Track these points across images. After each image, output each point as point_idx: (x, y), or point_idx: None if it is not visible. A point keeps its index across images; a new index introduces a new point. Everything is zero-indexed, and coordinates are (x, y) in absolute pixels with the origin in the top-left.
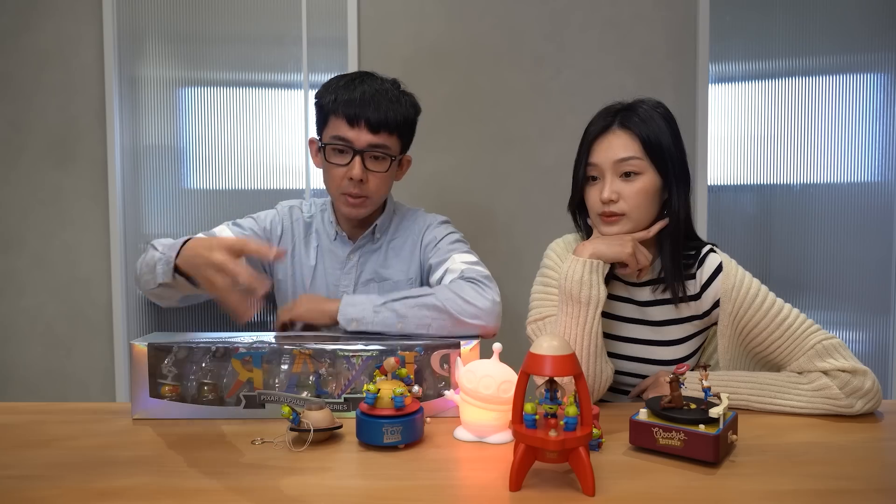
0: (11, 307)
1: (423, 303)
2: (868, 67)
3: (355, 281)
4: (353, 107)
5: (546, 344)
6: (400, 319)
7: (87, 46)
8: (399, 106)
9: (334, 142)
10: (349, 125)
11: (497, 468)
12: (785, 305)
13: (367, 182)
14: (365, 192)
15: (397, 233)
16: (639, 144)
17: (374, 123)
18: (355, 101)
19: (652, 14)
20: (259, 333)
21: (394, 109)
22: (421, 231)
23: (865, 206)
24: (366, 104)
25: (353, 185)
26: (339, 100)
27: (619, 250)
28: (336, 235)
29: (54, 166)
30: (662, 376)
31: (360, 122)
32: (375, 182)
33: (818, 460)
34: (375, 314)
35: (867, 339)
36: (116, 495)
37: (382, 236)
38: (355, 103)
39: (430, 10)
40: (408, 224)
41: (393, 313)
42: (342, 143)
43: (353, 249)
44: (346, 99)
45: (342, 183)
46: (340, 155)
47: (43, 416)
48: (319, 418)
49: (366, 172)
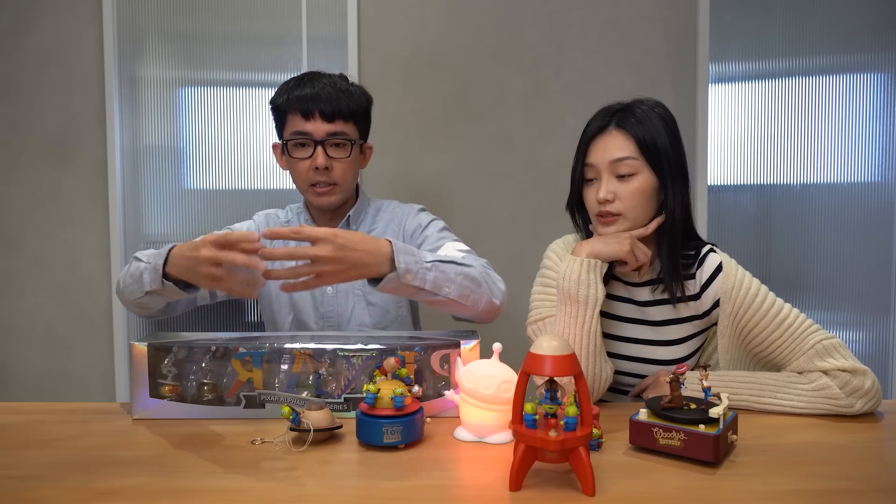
0: (11, 307)
1: (467, 273)
2: (868, 67)
3: None
4: (305, 101)
5: (546, 344)
6: (447, 283)
7: (87, 46)
8: (350, 95)
9: (294, 137)
10: (304, 119)
11: (497, 468)
12: (785, 305)
13: (332, 170)
14: (332, 180)
15: (375, 223)
16: (634, 145)
17: (329, 113)
18: (307, 96)
19: (652, 14)
20: (259, 334)
21: (346, 98)
22: (402, 220)
23: (865, 206)
24: (317, 97)
25: (319, 174)
26: (291, 98)
27: (616, 248)
28: None
29: (54, 166)
30: (662, 376)
31: (315, 114)
32: (340, 168)
33: (818, 460)
34: (427, 271)
35: (867, 339)
36: (116, 495)
37: (359, 227)
38: (308, 98)
39: (430, 10)
40: (385, 214)
41: (443, 275)
42: (302, 136)
43: None
44: (297, 96)
45: (308, 175)
46: (302, 149)
47: (43, 416)
48: (319, 418)
49: (329, 160)
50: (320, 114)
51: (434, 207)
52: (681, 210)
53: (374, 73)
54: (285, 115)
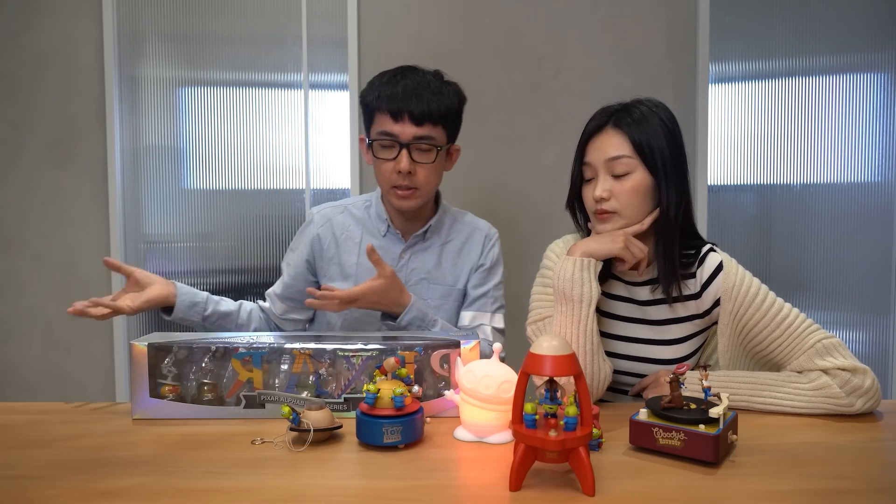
0: (11, 307)
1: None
2: (868, 67)
3: (406, 280)
4: (395, 101)
5: (546, 344)
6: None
7: (87, 46)
8: (442, 97)
9: (380, 137)
10: (393, 119)
11: (497, 468)
12: (785, 305)
13: (415, 174)
14: (414, 184)
15: (450, 235)
16: (629, 144)
17: (418, 116)
18: (398, 95)
19: (652, 14)
20: (260, 334)
21: (437, 101)
22: (480, 242)
23: (865, 206)
24: (408, 97)
25: (401, 178)
26: (381, 96)
27: (610, 247)
28: (386, 231)
29: (54, 166)
30: (662, 376)
31: (404, 116)
32: (424, 173)
33: (818, 460)
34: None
35: (867, 339)
36: (116, 495)
37: (434, 237)
38: (398, 98)
39: (430, 11)
40: (460, 227)
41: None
42: (388, 137)
43: (405, 248)
44: (388, 94)
45: (391, 176)
46: (387, 150)
47: (43, 416)
48: (319, 418)
49: (413, 165)
50: (409, 116)
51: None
52: (676, 209)
53: (374, 74)
54: (374, 112)
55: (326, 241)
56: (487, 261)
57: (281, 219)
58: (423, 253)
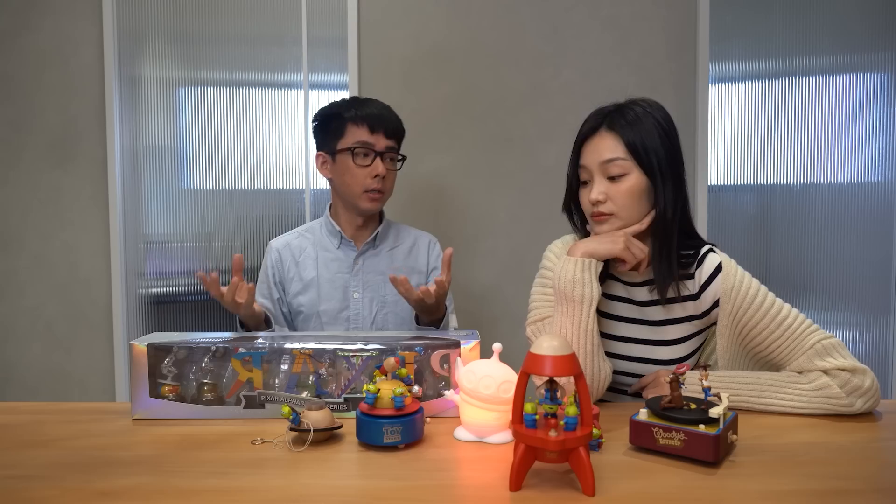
0: (11, 307)
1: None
2: (868, 67)
3: (364, 281)
4: (373, 118)
5: (546, 344)
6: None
7: (87, 46)
8: (399, 120)
9: (359, 146)
10: (370, 132)
11: (497, 468)
12: (784, 305)
13: (385, 179)
14: (383, 189)
15: (397, 242)
16: (623, 146)
17: (390, 130)
18: (374, 112)
19: (652, 14)
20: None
21: (396, 122)
22: (425, 247)
23: (865, 206)
24: (381, 117)
25: (376, 182)
26: (359, 113)
27: (610, 247)
28: (340, 244)
29: (54, 166)
30: (662, 376)
31: (380, 130)
32: (391, 179)
33: (818, 460)
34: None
35: (867, 339)
36: (116, 495)
37: (383, 243)
38: (374, 115)
39: (430, 10)
40: (405, 235)
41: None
42: (366, 146)
43: (358, 254)
44: (365, 112)
45: (366, 181)
46: (364, 157)
47: (43, 416)
48: (319, 418)
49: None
50: (384, 130)
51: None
52: (673, 210)
53: (374, 73)
54: (346, 125)
55: (287, 261)
56: (439, 262)
57: (281, 219)
58: (374, 258)
